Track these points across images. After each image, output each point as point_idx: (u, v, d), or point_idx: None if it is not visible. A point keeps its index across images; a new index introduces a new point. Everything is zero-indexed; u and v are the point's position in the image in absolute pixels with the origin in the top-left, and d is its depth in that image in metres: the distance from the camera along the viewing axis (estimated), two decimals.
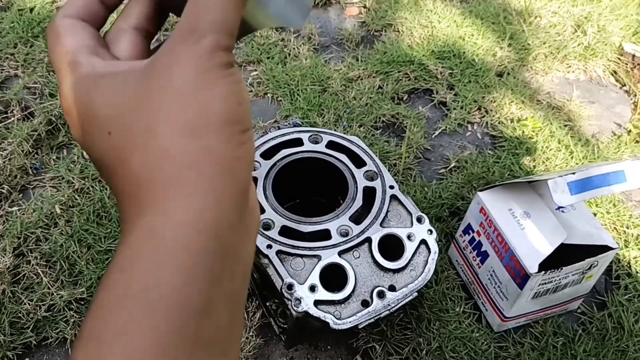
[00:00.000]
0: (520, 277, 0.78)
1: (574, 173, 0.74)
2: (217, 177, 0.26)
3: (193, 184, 0.25)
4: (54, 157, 1.10)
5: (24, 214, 0.99)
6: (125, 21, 0.33)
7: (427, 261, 0.74)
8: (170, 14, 0.35)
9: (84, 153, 1.09)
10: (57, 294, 0.88)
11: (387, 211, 0.77)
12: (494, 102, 1.24)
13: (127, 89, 0.27)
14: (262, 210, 0.75)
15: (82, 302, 0.88)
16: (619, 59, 1.37)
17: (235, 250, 0.27)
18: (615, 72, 1.36)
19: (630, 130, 1.22)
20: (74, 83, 0.28)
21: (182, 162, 0.25)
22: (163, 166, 0.26)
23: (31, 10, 1.41)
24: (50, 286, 0.89)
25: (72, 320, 0.86)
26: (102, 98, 0.27)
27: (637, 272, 0.95)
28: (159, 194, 0.25)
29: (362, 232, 0.74)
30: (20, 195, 1.04)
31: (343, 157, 0.83)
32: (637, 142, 1.19)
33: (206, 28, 0.27)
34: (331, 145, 0.84)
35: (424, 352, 0.84)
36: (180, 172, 0.25)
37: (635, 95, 1.29)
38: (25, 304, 0.87)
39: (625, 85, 1.33)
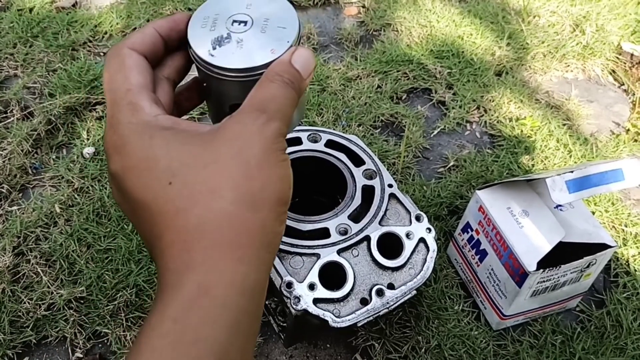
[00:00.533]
0: (519, 275, 0.78)
1: (572, 171, 0.74)
2: (263, 248, 0.29)
3: (244, 250, 0.28)
4: (54, 157, 1.10)
5: (23, 213, 0.99)
6: (162, 71, 0.36)
7: (425, 259, 0.74)
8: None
9: (83, 152, 1.09)
10: (57, 293, 0.88)
11: (386, 210, 0.77)
12: (493, 101, 1.24)
13: (193, 148, 0.29)
14: None
15: (82, 301, 0.88)
16: (618, 58, 1.37)
17: (260, 311, 0.30)
18: (613, 71, 1.36)
19: (628, 129, 1.22)
20: (132, 124, 0.30)
21: (239, 228, 0.28)
22: (222, 227, 0.28)
23: (30, 10, 1.41)
24: (49, 285, 0.89)
25: (71, 319, 0.86)
26: (166, 150, 0.29)
27: (635, 271, 0.95)
28: (214, 252, 0.28)
29: (361, 230, 0.74)
30: (20, 194, 1.04)
31: (342, 156, 0.83)
32: (635, 140, 1.19)
33: (274, 114, 0.30)
34: (330, 144, 0.84)
35: (423, 350, 0.85)
36: (235, 237, 0.28)
37: (634, 94, 1.30)
38: (25, 302, 0.87)
39: (623, 84, 1.34)
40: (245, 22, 0.36)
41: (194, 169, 0.29)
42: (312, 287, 0.69)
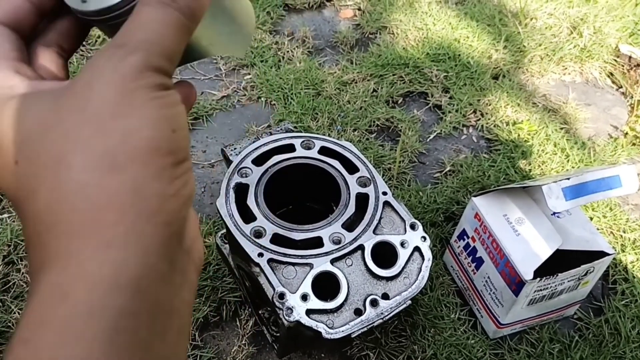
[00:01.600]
0: (516, 283, 0.77)
1: (568, 178, 0.73)
2: (142, 220, 0.21)
3: (112, 230, 0.21)
4: None
5: (14, 221, 0.98)
6: (44, 38, 0.29)
7: (420, 269, 0.73)
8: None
9: None
10: None
11: (380, 218, 0.76)
12: (490, 105, 1.23)
13: (38, 112, 0.23)
14: (254, 218, 0.74)
15: None
16: (615, 60, 1.36)
17: (167, 304, 0.23)
18: (611, 73, 1.35)
19: (626, 133, 1.21)
20: None
21: (99, 201, 0.21)
22: (75, 206, 0.21)
23: None
24: None
25: None
26: (9, 120, 0.23)
27: (634, 277, 0.94)
28: (70, 241, 0.21)
29: (355, 239, 0.73)
30: (10, 202, 1.03)
31: (336, 163, 0.82)
32: (633, 144, 1.18)
33: (136, 45, 0.23)
34: (324, 151, 0.83)
35: (419, 359, 0.83)
36: (96, 214, 0.21)
37: (632, 97, 1.28)
38: (15, 312, 0.86)
39: (621, 87, 1.33)
40: None
41: (38, 138, 0.22)
42: (305, 297, 0.68)
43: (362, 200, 0.78)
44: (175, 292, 0.23)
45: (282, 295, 0.68)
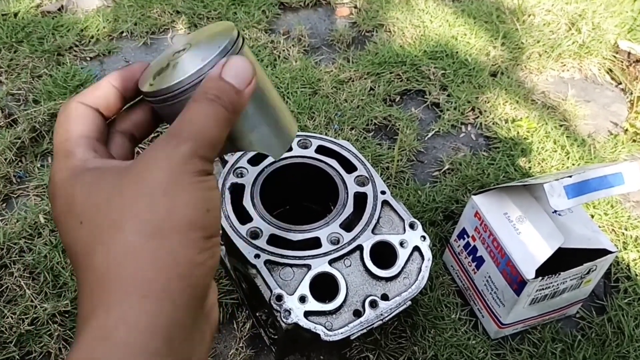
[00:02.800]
0: (517, 283, 0.76)
1: (570, 176, 0.72)
2: (174, 281, 0.26)
3: (149, 285, 0.25)
4: (38, 165, 1.07)
5: (7, 224, 0.96)
6: (117, 124, 0.35)
7: (420, 269, 0.72)
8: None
9: None
10: (41, 307, 0.85)
11: (379, 217, 0.75)
12: (488, 102, 1.22)
13: (105, 184, 0.28)
14: (250, 219, 0.72)
15: (67, 315, 0.86)
16: (615, 56, 1.35)
17: (186, 354, 0.27)
18: (610, 70, 1.34)
19: (626, 129, 1.20)
20: (62, 171, 0.30)
21: (142, 260, 0.26)
22: (123, 262, 0.26)
23: (15, 15, 1.38)
24: (33, 299, 0.87)
25: (56, 333, 0.83)
26: (81, 189, 0.28)
27: (636, 275, 0.93)
28: (116, 292, 0.25)
29: (353, 239, 0.72)
30: (4, 204, 1.01)
31: (333, 162, 0.80)
32: (634, 141, 1.17)
33: (186, 137, 0.28)
34: (321, 150, 0.82)
35: None
36: (138, 271, 0.25)
37: (632, 93, 1.27)
38: (7, 317, 0.84)
39: (621, 83, 1.32)
40: (185, 49, 0.34)
41: (102, 206, 0.27)
42: (303, 299, 0.67)
43: (360, 200, 0.76)
44: (195, 347, 0.28)
45: (279, 297, 0.66)
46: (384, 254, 0.72)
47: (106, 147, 0.33)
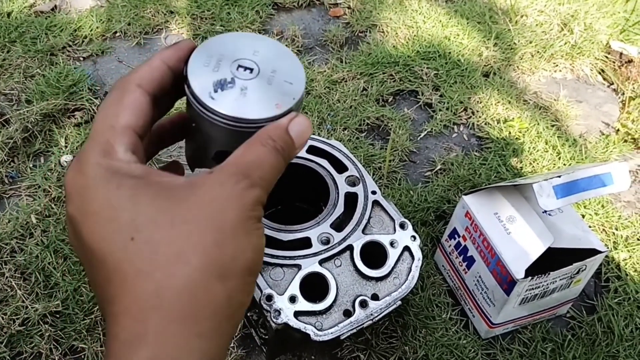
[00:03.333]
0: (507, 282, 0.76)
1: (559, 176, 0.72)
2: (225, 321, 0.27)
3: (205, 324, 0.26)
4: (30, 165, 1.07)
5: None
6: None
7: (410, 268, 0.72)
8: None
9: (61, 160, 1.06)
10: (32, 307, 0.85)
11: (369, 217, 0.75)
12: (480, 102, 1.22)
13: (164, 203, 0.27)
14: None
15: (58, 316, 0.85)
16: (607, 57, 1.35)
17: None
18: (602, 70, 1.35)
19: (618, 130, 1.20)
20: (103, 168, 0.28)
21: (201, 299, 0.26)
22: (183, 297, 0.26)
23: (8, 14, 1.38)
24: (24, 299, 0.86)
25: (47, 334, 0.83)
26: (132, 201, 0.27)
27: (626, 275, 0.94)
28: (171, 325, 0.25)
29: (344, 239, 0.72)
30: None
31: (324, 163, 0.81)
32: (625, 141, 1.17)
33: (257, 182, 0.28)
34: (312, 150, 0.82)
35: None
36: (196, 309, 0.26)
37: (624, 93, 1.28)
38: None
39: (613, 83, 1.32)
40: (252, 70, 0.33)
41: (161, 228, 0.26)
42: (293, 299, 0.67)
43: (351, 200, 0.77)
44: None
45: (269, 297, 0.67)
46: (374, 254, 0.72)
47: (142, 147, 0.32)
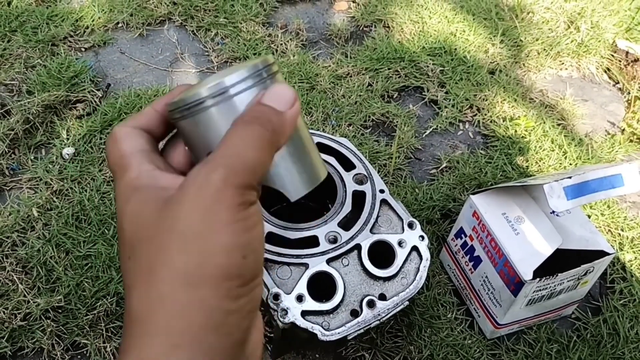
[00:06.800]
0: (514, 283, 0.76)
1: (570, 177, 0.72)
2: (208, 331, 0.25)
3: (180, 335, 0.25)
4: (32, 157, 1.05)
5: None
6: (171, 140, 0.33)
7: (418, 269, 0.71)
8: None
9: (63, 153, 1.05)
10: (34, 302, 0.84)
11: (377, 216, 0.74)
12: (486, 100, 1.21)
13: (152, 215, 0.26)
14: None
15: (60, 310, 0.85)
16: (613, 55, 1.35)
17: None
18: (608, 69, 1.34)
19: (624, 129, 1.20)
20: (121, 187, 0.28)
21: (172, 311, 0.25)
22: (155, 311, 0.25)
23: (9, 3, 1.36)
24: (26, 294, 0.86)
25: (49, 329, 0.82)
26: (133, 217, 0.27)
27: (632, 276, 0.93)
28: (148, 338, 0.25)
29: (352, 238, 0.71)
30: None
31: (332, 160, 0.80)
32: (631, 141, 1.17)
33: (219, 161, 0.25)
34: (319, 147, 0.81)
35: None
36: (169, 321, 0.25)
37: (629, 92, 1.27)
38: (0, 311, 0.83)
39: (618, 82, 1.31)
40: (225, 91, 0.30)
41: (144, 244, 0.26)
42: (300, 298, 0.66)
43: (358, 198, 0.76)
44: None
45: (276, 296, 0.66)
46: (382, 254, 0.71)
47: (164, 159, 0.31)
